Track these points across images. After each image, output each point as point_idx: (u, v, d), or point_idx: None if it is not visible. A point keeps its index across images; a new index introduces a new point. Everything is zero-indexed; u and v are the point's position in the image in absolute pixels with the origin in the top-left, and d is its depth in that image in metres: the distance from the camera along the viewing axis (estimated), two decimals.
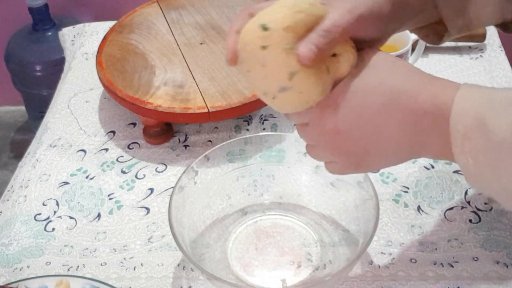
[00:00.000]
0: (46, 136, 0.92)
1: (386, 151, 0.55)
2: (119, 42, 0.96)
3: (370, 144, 0.54)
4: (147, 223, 0.78)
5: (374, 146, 0.54)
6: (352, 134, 0.53)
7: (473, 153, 0.49)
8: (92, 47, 1.07)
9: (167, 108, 0.83)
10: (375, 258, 0.72)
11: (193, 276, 0.72)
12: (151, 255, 0.74)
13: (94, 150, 0.89)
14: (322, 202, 0.75)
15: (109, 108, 0.96)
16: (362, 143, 0.54)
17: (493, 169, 0.48)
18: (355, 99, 0.53)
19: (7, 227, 0.79)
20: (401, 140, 0.53)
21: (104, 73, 0.90)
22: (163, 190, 0.82)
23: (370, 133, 0.53)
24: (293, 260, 0.72)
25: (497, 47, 1.00)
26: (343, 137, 0.54)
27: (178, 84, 0.87)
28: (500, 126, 0.47)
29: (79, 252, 0.75)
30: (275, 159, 0.77)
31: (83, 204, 0.81)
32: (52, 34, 1.86)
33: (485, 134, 0.48)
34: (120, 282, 0.72)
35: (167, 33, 0.97)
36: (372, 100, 0.52)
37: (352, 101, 0.53)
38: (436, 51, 1.00)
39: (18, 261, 0.75)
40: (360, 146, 0.54)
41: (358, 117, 0.53)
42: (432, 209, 0.77)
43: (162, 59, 0.92)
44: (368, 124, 0.53)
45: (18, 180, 0.86)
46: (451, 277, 0.69)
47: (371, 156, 0.55)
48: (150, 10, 1.02)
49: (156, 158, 0.87)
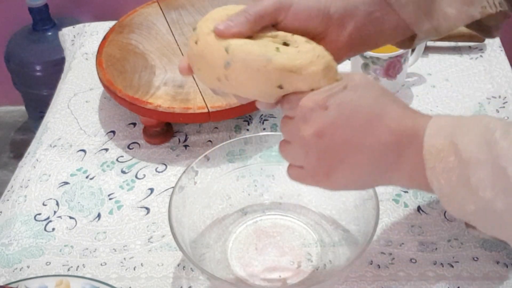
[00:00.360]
0: (46, 136, 0.92)
1: (361, 166, 0.54)
2: (119, 42, 0.96)
3: (348, 154, 0.54)
4: (147, 223, 0.78)
5: (351, 157, 0.54)
6: (334, 139, 0.54)
7: (445, 174, 0.50)
8: (92, 47, 1.07)
9: (167, 108, 0.83)
10: (375, 258, 0.72)
11: (193, 276, 0.72)
12: (151, 255, 0.74)
13: (94, 150, 0.89)
14: (322, 202, 0.75)
15: (109, 108, 0.96)
16: (341, 151, 0.54)
17: (466, 187, 0.49)
18: (348, 108, 0.53)
19: (7, 227, 0.79)
20: (381, 154, 0.53)
21: (104, 73, 0.90)
22: (163, 190, 0.82)
23: (351, 143, 0.54)
24: (293, 260, 0.72)
25: (497, 47, 1.00)
26: (324, 141, 0.54)
27: (178, 84, 0.87)
28: (468, 144, 0.49)
29: (79, 252, 0.76)
30: (275, 159, 0.77)
31: (83, 204, 0.81)
32: (52, 34, 1.86)
33: (455, 153, 0.49)
34: (120, 282, 0.72)
35: (167, 33, 0.97)
36: (362, 113, 0.53)
37: (345, 110, 0.53)
38: (436, 51, 1.00)
39: (18, 261, 0.75)
40: (338, 153, 0.54)
41: (345, 125, 0.53)
42: (432, 209, 0.77)
43: (162, 59, 0.92)
44: (353, 135, 0.53)
45: (18, 180, 0.86)
46: (451, 277, 0.69)
47: (343, 168, 0.54)
48: (150, 10, 1.02)
49: (156, 158, 0.87)
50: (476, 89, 0.93)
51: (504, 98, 0.91)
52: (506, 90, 0.92)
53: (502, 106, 0.90)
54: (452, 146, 0.49)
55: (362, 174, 0.55)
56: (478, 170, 0.48)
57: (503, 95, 0.91)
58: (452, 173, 0.49)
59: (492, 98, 0.91)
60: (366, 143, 0.53)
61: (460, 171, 0.49)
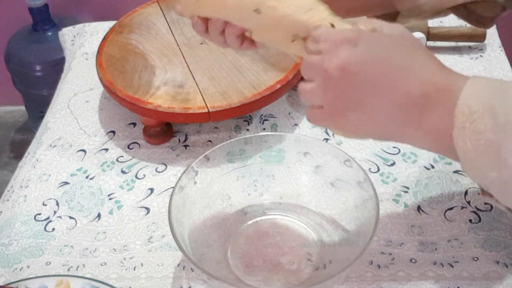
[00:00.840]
0: (46, 136, 0.92)
1: (379, 112, 0.52)
2: (119, 42, 0.96)
3: (369, 96, 0.51)
4: (147, 223, 0.78)
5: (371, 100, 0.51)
6: (357, 78, 0.51)
7: (475, 136, 0.47)
8: (92, 47, 1.07)
9: (167, 108, 0.83)
10: (375, 258, 0.72)
11: (193, 276, 0.72)
12: (151, 255, 0.74)
13: (94, 150, 0.89)
14: (322, 202, 0.75)
15: (109, 108, 0.96)
16: (362, 92, 0.52)
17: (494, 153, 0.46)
18: (378, 50, 0.52)
19: (7, 227, 0.79)
20: (402, 105, 0.51)
21: (104, 73, 0.90)
22: (163, 190, 0.82)
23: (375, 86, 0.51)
24: (293, 260, 0.72)
25: (497, 47, 1.00)
26: (346, 76, 0.51)
27: (178, 84, 0.87)
28: (508, 109, 0.46)
29: (79, 252, 0.75)
30: (275, 159, 0.77)
31: (83, 204, 0.81)
32: (52, 34, 1.86)
33: (490, 116, 0.47)
34: (120, 282, 0.72)
35: (167, 33, 0.97)
36: (392, 56, 0.51)
37: (375, 51, 0.52)
38: (436, 51, 1.00)
39: (18, 261, 0.75)
40: (358, 93, 0.52)
41: (372, 66, 0.51)
42: (432, 209, 0.77)
43: (162, 59, 0.92)
44: (378, 78, 0.51)
45: (18, 180, 0.86)
46: (451, 277, 0.69)
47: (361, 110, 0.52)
48: (150, 10, 1.02)
49: (156, 158, 0.87)
50: None
51: None
52: None
53: None
54: (489, 109, 0.47)
55: (378, 122, 0.52)
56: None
57: None
58: (482, 136, 0.47)
59: None
60: (391, 90, 0.51)
61: (492, 136, 0.46)
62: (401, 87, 0.51)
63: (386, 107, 0.52)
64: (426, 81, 0.51)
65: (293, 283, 0.69)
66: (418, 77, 0.51)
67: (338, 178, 0.73)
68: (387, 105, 0.51)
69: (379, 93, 0.51)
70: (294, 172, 0.77)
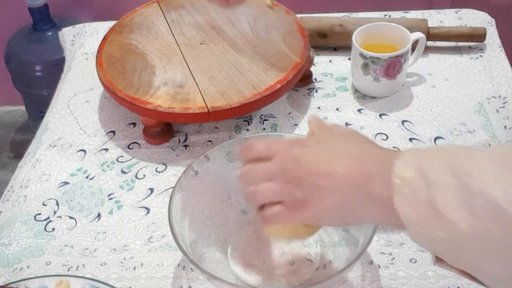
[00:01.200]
0: (46, 136, 0.92)
1: (338, 191, 0.56)
2: (119, 42, 0.96)
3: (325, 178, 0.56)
4: (147, 223, 0.78)
5: (328, 182, 0.56)
6: (313, 162, 0.57)
7: (412, 197, 0.50)
8: (92, 47, 1.07)
9: (167, 108, 0.83)
10: (375, 258, 0.72)
11: (193, 276, 0.72)
12: (151, 255, 0.74)
13: (94, 150, 0.89)
14: None
15: (109, 108, 0.96)
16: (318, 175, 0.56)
17: (432, 211, 0.49)
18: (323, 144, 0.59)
19: (7, 227, 0.79)
20: (351, 180, 0.55)
21: (104, 73, 0.90)
22: (163, 190, 0.82)
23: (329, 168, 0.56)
24: (293, 260, 0.72)
25: (497, 47, 1.00)
26: (301, 164, 0.57)
27: (178, 84, 0.87)
28: (434, 168, 0.50)
29: (79, 252, 0.76)
30: None
31: (83, 204, 0.81)
32: (52, 34, 1.86)
33: (421, 177, 0.50)
34: (120, 282, 0.72)
35: (167, 33, 0.97)
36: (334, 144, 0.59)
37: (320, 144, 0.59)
38: (436, 51, 1.00)
39: (18, 261, 0.75)
40: (316, 176, 0.56)
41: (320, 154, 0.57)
42: None
43: (162, 59, 0.92)
44: (328, 160, 0.56)
45: (18, 180, 0.86)
46: (451, 277, 0.69)
47: (320, 194, 0.56)
48: (150, 10, 1.02)
49: (156, 158, 0.87)
50: (476, 89, 0.93)
51: (504, 98, 0.91)
52: (506, 90, 0.92)
53: (502, 106, 0.90)
54: (419, 172, 0.50)
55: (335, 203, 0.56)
56: (444, 191, 0.48)
57: (503, 95, 0.91)
58: (418, 197, 0.50)
59: (492, 98, 0.91)
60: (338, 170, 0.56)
61: (426, 195, 0.49)
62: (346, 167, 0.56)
63: (339, 185, 0.56)
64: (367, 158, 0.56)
65: (293, 283, 0.69)
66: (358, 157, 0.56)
67: None
68: (339, 182, 0.56)
69: (332, 173, 0.56)
70: None
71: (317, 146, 0.59)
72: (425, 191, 0.49)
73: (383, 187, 0.52)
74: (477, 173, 0.47)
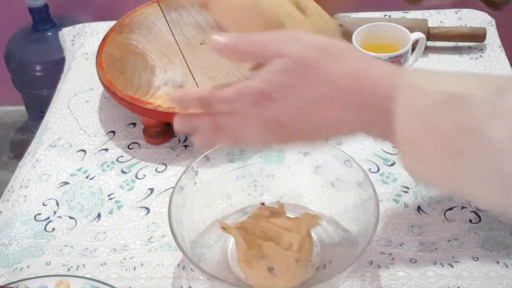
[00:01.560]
0: (46, 136, 0.92)
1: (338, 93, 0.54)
2: (119, 42, 0.96)
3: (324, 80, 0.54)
4: (147, 223, 0.78)
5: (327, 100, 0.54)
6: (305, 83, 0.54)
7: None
8: (92, 47, 1.07)
9: (167, 108, 0.83)
10: (375, 258, 0.72)
11: (193, 276, 0.72)
12: (151, 255, 0.74)
13: (94, 150, 0.89)
14: (322, 202, 0.75)
15: (109, 108, 0.96)
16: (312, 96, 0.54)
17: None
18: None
19: (7, 227, 0.79)
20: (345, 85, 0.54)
21: (104, 73, 0.90)
22: (163, 190, 0.82)
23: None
24: None
25: (497, 47, 1.00)
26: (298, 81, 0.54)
27: (178, 84, 0.87)
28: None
29: (79, 252, 0.76)
30: (275, 159, 0.77)
31: (83, 204, 0.81)
32: (52, 34, 1.86)
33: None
34: (120, 282, 0.72)
35: (167, 33, 0.97)
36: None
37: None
38: (436, 51, 1.00)
39: (18, 261, 0.75)
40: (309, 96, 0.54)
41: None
42: (432, 209, 0.77)
43: (162, 59, 0.92)
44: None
45: (18, 180, 0.86)
46: (451, 277, 0.69)
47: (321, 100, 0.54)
48: (150, 10, 1.02)
49: (156, 158, 0.87)
50: None
51: None
52: None
53: None
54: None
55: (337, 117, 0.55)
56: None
57: None
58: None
59: None
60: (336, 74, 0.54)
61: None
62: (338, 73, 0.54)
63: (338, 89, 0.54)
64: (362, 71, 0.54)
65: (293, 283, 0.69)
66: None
67: (338, 178, 0.73)
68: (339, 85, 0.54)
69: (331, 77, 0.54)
70: (294, 172, 0.77)
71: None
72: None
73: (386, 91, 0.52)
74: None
